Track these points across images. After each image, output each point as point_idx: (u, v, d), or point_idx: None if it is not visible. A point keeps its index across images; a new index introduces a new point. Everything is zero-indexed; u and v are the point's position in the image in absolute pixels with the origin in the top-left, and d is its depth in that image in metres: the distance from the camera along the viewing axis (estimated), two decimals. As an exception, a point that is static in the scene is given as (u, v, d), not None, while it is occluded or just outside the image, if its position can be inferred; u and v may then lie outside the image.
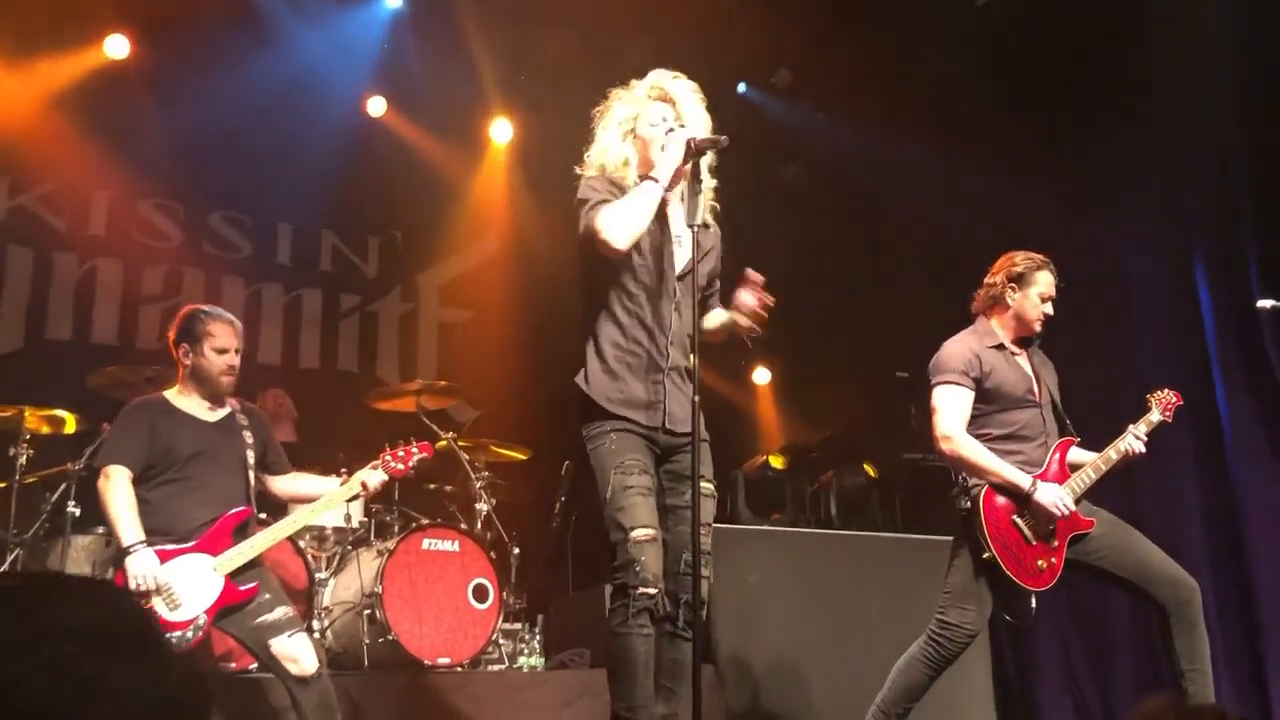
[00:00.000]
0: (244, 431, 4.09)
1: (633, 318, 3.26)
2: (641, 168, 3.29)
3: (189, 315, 4.07)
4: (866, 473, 6.62)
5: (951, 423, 3.88)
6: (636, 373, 3.24)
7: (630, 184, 3.27)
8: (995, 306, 4.07)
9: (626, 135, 3.33)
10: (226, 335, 4.02)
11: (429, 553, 5.12)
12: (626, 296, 3.27)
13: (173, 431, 3.94)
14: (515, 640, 5.51)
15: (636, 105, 3.35)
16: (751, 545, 5.21)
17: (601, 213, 3.11)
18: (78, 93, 6.75)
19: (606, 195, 3.21)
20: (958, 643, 3.82)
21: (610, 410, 3.19)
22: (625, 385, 3.22)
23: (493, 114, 7.91)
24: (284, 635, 3.78)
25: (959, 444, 3.85)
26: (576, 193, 3.28)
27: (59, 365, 6.51)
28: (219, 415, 4.08)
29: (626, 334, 3.26)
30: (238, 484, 4.02)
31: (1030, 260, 4.01)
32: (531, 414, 7.00)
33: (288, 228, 7.83)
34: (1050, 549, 3.81)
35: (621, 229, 3.10)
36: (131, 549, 3.70)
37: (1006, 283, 4.02)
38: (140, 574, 3.67)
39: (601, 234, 3.09)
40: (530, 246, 8.01)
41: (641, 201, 3.13)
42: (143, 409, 4.00)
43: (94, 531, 4.95)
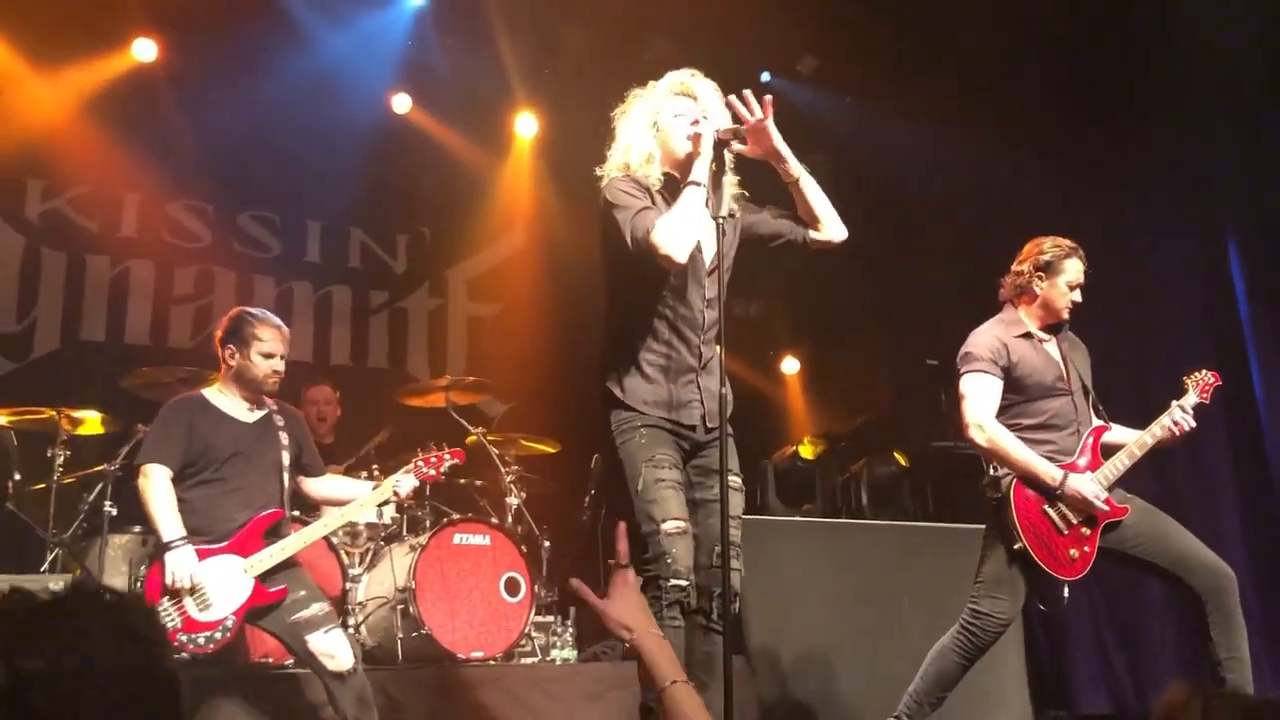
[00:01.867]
0: (280, 433, 4.12)
1: (662, 319, 3.25)
2: (665, 163, 3.28)
3: (238, 317, 4.10)
4: (897, 461, 6.60)
5: (981, 410, 3.85)
6: (670, 374, 3.23)
7: (654, 180, 3.26)
8: (1023, 295, 4.03)
9: (649, 129, 3.31)
10: (274, 340, 4.06)
11: (461, 547, 5.15)
12: (656, 298, 3.25)
13: (211, 431, 3.97)
14: (548, 633, 5.53)
15: (657, 100, 3.33)
16: (782, 537, 5.20)
17: (657, 226, 3.06)
18: (107, 97, 6.82)
19: (643, 201, 3.18)
20: (991, 632, 3.80)
21: (643, 411, 3.19)
22: (659, 388, 3.22)
23: (517, 108, 7.92)
24: (320, 631, 3.82)
25: (990, 432, 3.82)
26: (602, 193, 3.25)
27: (94, 366, 6.59)
28: (257, 416, 4.11)
29: (658, 336, 3.25)
30: (273, 486, 4.05)
31: (1058, 248, 3.96)
32: (561, 407, 7.02)
33: (316, 226, 7.88)
34: (1082, 538, 3.78)
35: (680, 243, 3.07)
36: (172, 545, 3.75)
37: (1034, 271, 3.97)
38: (178, 569, 3.72)
39: (662, 249, 3.04)
40: (557, 239, 8.03)
41: (691, 210, 3.09)
42: (182, 408, 4.04)
43: (131, 530, 5.02)
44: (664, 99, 3.32)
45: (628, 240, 3.12)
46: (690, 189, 3.12)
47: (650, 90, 3.36)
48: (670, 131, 3.28)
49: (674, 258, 3.07)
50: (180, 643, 3.71)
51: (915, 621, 4.97)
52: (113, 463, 4.98)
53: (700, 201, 3.11)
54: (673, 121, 3.28)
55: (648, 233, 3.07)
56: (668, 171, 3.28)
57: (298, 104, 6.89)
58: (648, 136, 3.30)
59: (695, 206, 3.10)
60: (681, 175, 3.20)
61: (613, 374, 3.26)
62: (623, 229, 3.13)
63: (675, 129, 3.26)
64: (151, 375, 5.37)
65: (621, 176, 3.27)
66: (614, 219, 3.16)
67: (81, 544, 5.03)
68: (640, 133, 3.31)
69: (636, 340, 3.25)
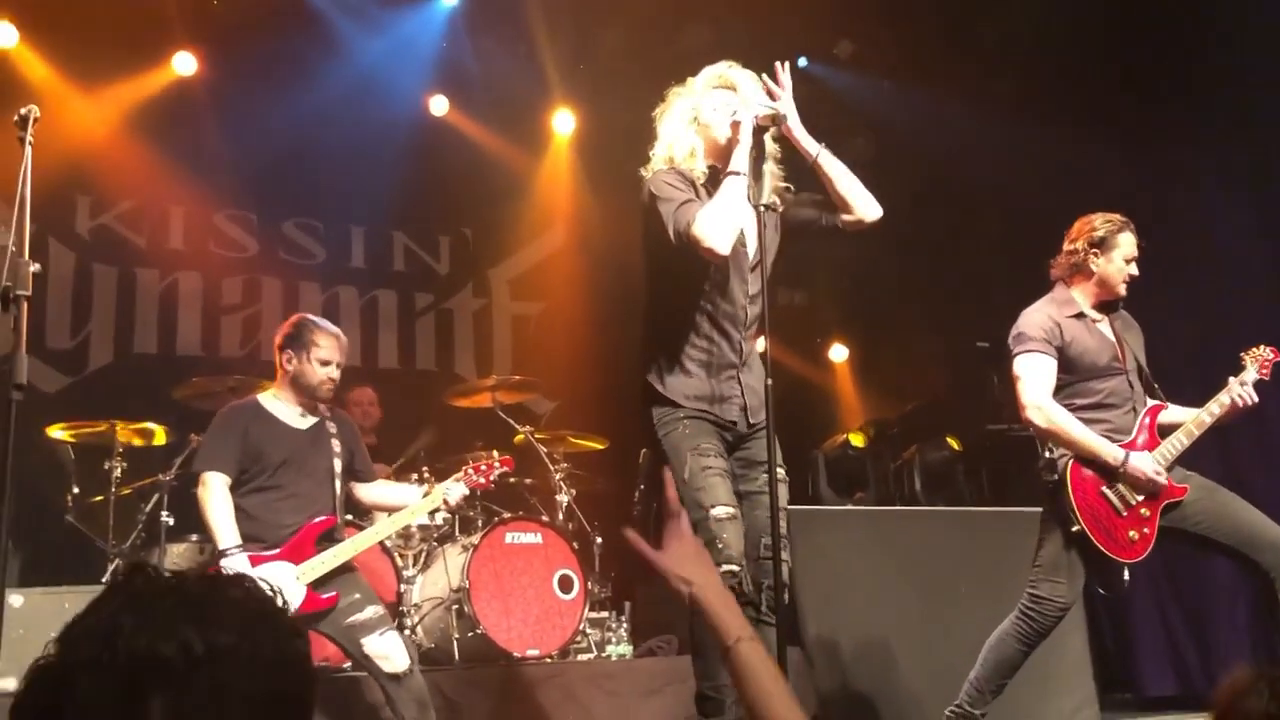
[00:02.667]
0: (333, 440, 4.16)
1: (704, 314, 3.24)
2: (709, 156, 3.27)
3: (298, 323, 4.17)
4: (950, 446, 6.52)
5: (1038, 391, 3.78)
6: (711, 370, 3.22)
7: (699, 174, 3.24)
8: (1077, 274, 3.93)
9: (690, 124, 3.29)
10: (331, 348, 4.10)
11: (513, 546, 5.17)
12: (698, 293, 3.23)
13: (264, 437, 4.02)
14: (603, 629, 5.54)
15: (697, 95, 3.31)
16: (835, 526, 5.16)
17: (699, 218, 3.05)
18: (149, 111, 6.91)
19: (687, 193, 3.17)
20: (1050, 617, 3.73)
21: (684, 404, 3.18)
22: (701, 383, 3.21)
23: (554, 105, 7.92)
24: (375, 634, 3.85)
25: (1049, 412, 3.74)
26: (645, 186, 3.24)
27: (148, 378, 6.68)
28: (310, 422, 4.15)
29: (699, 331, 3.24)
30: (325, 492, 4.09)
31: (1110, 223, 3.87)
32: (607, 402, 6.99)
33: (360, 231, 7.94)
34: (1141, 519, 3.70)
35: (723, 233, 3.06)
36: (227, 552, 3.81)
37: (1088, 249, 3.88)
38: None
39: (705, 241, 3.03)
40: (597, 235, 8.02)
41: (733, 200, 3.08)
42: (236, 415, 4.09)
43: (188, 539, 5.09)
44: (703, 93, 3.31)
45: (670, 233, 3.11)
46: (730, 179, 3.10)
47: (689, 86, 3.35)
48: (711, 124, 3.26)
49: (716, 249, 3.05)
50: None
51: (973, 607, 4.89)
52: (168, 473, 5.05)
53: (741, 190, 3.10)
54: (713, 115, 3.26)
55: (689, 224, 3.06)
56: (712, 165, 3.26)
57: (336, 110, 6.94)
58: (689, 131, 3.28)
59: (736, 196, 3.09)
60: (724, 166, 3.18)
61: (654, 368, 3.25)
62: (665, 221, 3.13)
63: (716, 121, 3.24)
64: (203, 385, 5.44)
65: (666, 169, 3.25)
66: (657, 211, 3.16)
67: (140, 554, 5.10)
68: (682, 128, 3.29)
69: (678, 335, 3.24)
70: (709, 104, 3.28)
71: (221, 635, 1.02)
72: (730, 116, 3.18)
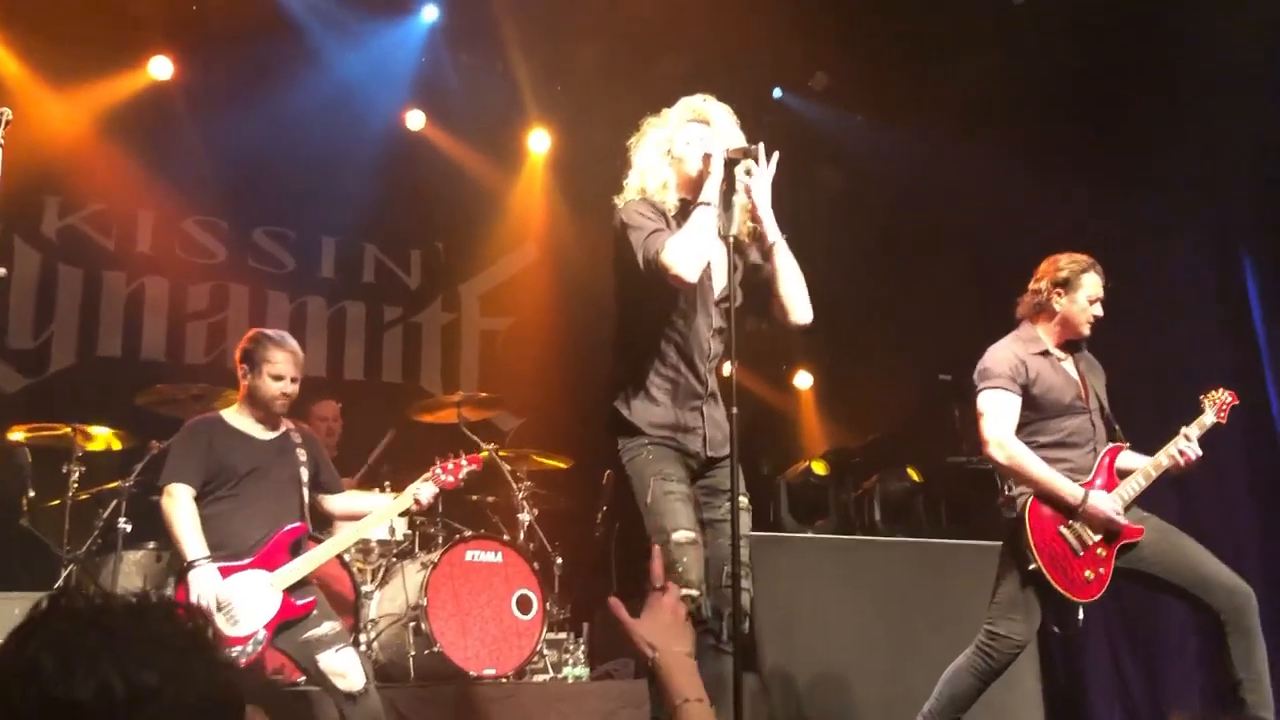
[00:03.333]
0: (298, 450, 4.17)
1: (670, 344, 3.26)
2: (680, 189, 3.30)
3: (254, 338, 4.16)
4: (910, 477, 6.54)
5: (1000, 428, 3.82)
6: (676, 399, 3.24)
7: (670, 206, 3.28)
8: (1041, 313, 4.00)
9: (664, 156, 3.33)
10: (284, 363, 4.09)
11: (473, 564, 5.15)
12: (666, 322, 3.26)
13: (229, 449, 4.02)
14: (560, 650, 5.52)
15: (670, 127, 3.35)
16: (795, 553, 5.19)
17: (668, 247, 3.08)
18: (123, 114, 6.88)
19: (657, 223, 3.20)
20: (1006, 654, 3.77)
21: (649, 432, 3.20)
22: (667, 411, 3.23)
23: (530, 125, 7.96)
24: (331, 650, 3.83)
25: (1010, 449, 3.79)
26: (617, 214, 3.27)
27: (110, 382, 6.62)
28: (273, 435, 4.16)
29: (665, 360, 3.26)
30: (291, 501, 4.09)
31: (1075, 263, 3.94)
32: (573, 422, 7.01)
33: (330, 241, 7.92)
34: (1098, 559, 3.75)
35: (691, 263, 3.08)
36: (195, 564, 3.79)
37: (1052, 288, 3.95)
38: (201, 589, 3.75)
39: (673, 269, 3.06)
40: (569, 254, 8.05)
41: (701, 231, 3.11)
42: (201, 427, 4.09)
43: (145, 547, 5.04)
44: (678, 126, 3.35)
45: (639, 261, 3.14)
46: (700, 209, 3.14)
47: (664, 117, 3.39)
48: (684, 158, 3.29)
49: (684, 277, 3.08)
50: None
51: (929, 638, 4.94)
52: (127, 479, 4.99)
53: (710, 221, 3.13)
54: (685, 148, 3.30)
55: (658, 253, 3.09)
56: (683, 198, 3.29)
57: (312, 121, 6.94)
58: (662, 163, 3.32)
59: (705, 226, 3.12)
60: (695, 199, 3.21)
61: (620, 395, 3.27)
62: (635, 249, 3.16)
63: (689, 155, 3.28)
64: (167, 392, 5.39)
65: (638, 200, 3.29)
66: (627, 240, 3.19)
67: (96, 560, 5.04)
68: (655, 160, 3.33)
69: (645, 363, 3.26)
70: (682, 137, 3.32)
71: (145, 674, 1.01)
72: (702, 150, 3.23)
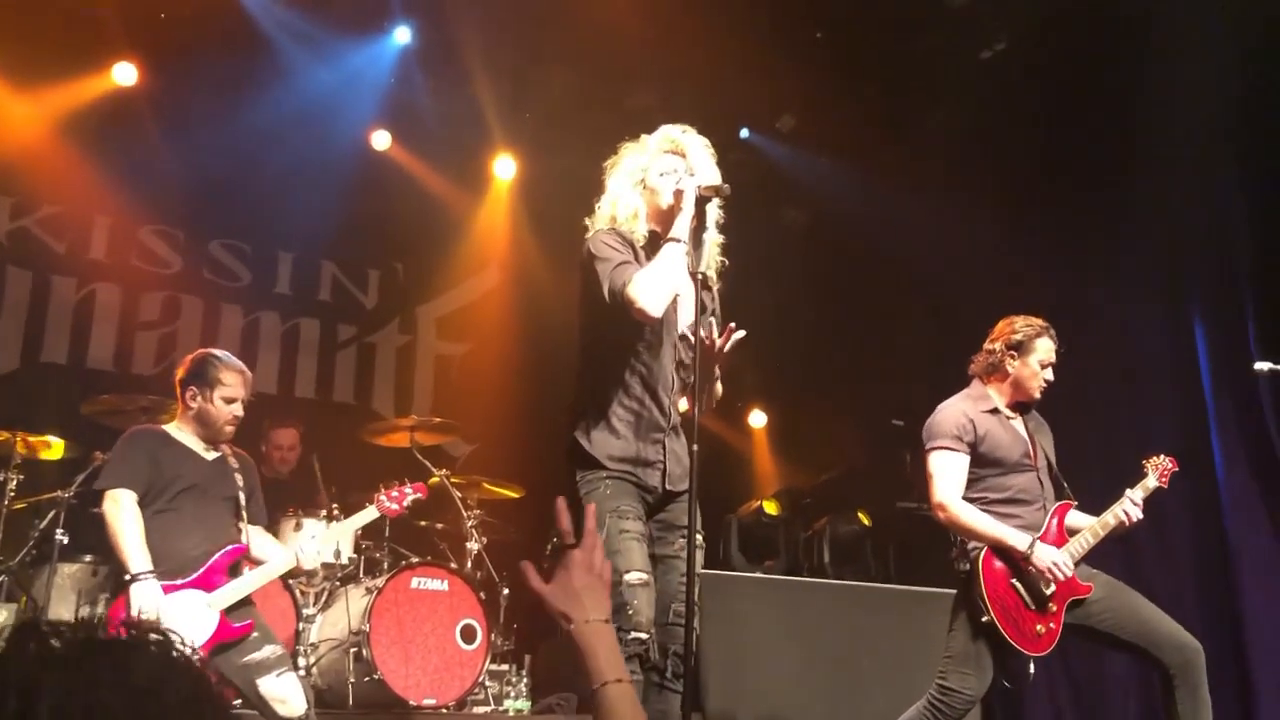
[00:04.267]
0: (235, 474, 4.09)
1: (635, 375, 3.23)
2: (650, 219, 3.30)
3: (202, 359, 4.06)
4: (860, 520, 6.59)
5: (947, 490, 3.86)
6: (639, 431, 3.21)
7: (639, 236, 3.27)
8: (994, 373, 4.04)
9: (637, 185, 3.32)
10: (237, 385, 4.02)
11: (418, 591, 5.08)
12: (631, 354, 3.23)
13: (171, 462, 3.93)
14: (502, 682, 5.46)
15: (647, 156, 3.34)
16: (744, 593, 5.17)
17: (635, 281, 3.06)
18: (84, 118, 6.79)
19: (625, 255, 3.18)
20: (957, 709, 3.76)
21: (610, 466, 3.16)
22: (628, 444, 3.19)
23: (497, 150, 7.95)
24: (272, 675, 3.74)
25: (955, 511, 3.83)
26: (586, 244, 3.25)
27: (54, 388, 6.50)
28: (213, 455, 4.08)
29: (629, 392, 3.23)
30: (229, 521, 4.01)
31: (1030, 327, 3.99)
32: (525, 451, 6.98)
33: (288, 257, 7.84)
34: (1049, 614, 3.77)
35: (657, 297, 3.06)
36: (138, 577, 3.68)
37: (1006, 351, 3.99)
38: (144, 603, 3.65)
39: (638, 303, 3.04)
40: (530, 281, 8.04)
41: (670, 266, 3.10)
42: (143, 436, 4.01)
43: (81, 560, 4.92)
44: (654, 155, 3.34)
45: (605, 292, 3.12)
46: (669, 245, 3.12)
47: (641, 144, 3.38)
48: (657, 190, 3.28)
49: (649, 311, 3.06)
50: None
51: (874, 683, 4.94)
52: (67, 490, 4.88)
53: (679, 257, 3.11)
54: (659, 180, 3.29)
55: (625, 285, 3.08)
56: (653, 229, 3.28)
57: (277, 134, 6.88)
58: (634, 193, 3.31)
59: (673, 262, 3.11)
60: (665, 232, 3.20)
61: (581, 425, 3.23)
62: (601, 280, 3.14)
63: (662, 187, 3.27)
64: (113, 402, 5.28)
65: (607, 230, 3.27)
66: (594, 270, 3.17)
67: (29, 571, 4.92)
68: (627, 189, 3.32)
69: (608, 394, 3.23)
70: (657, 168, 3.31)
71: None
72: (674, 184, 3.22)
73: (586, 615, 1.61)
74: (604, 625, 1.63)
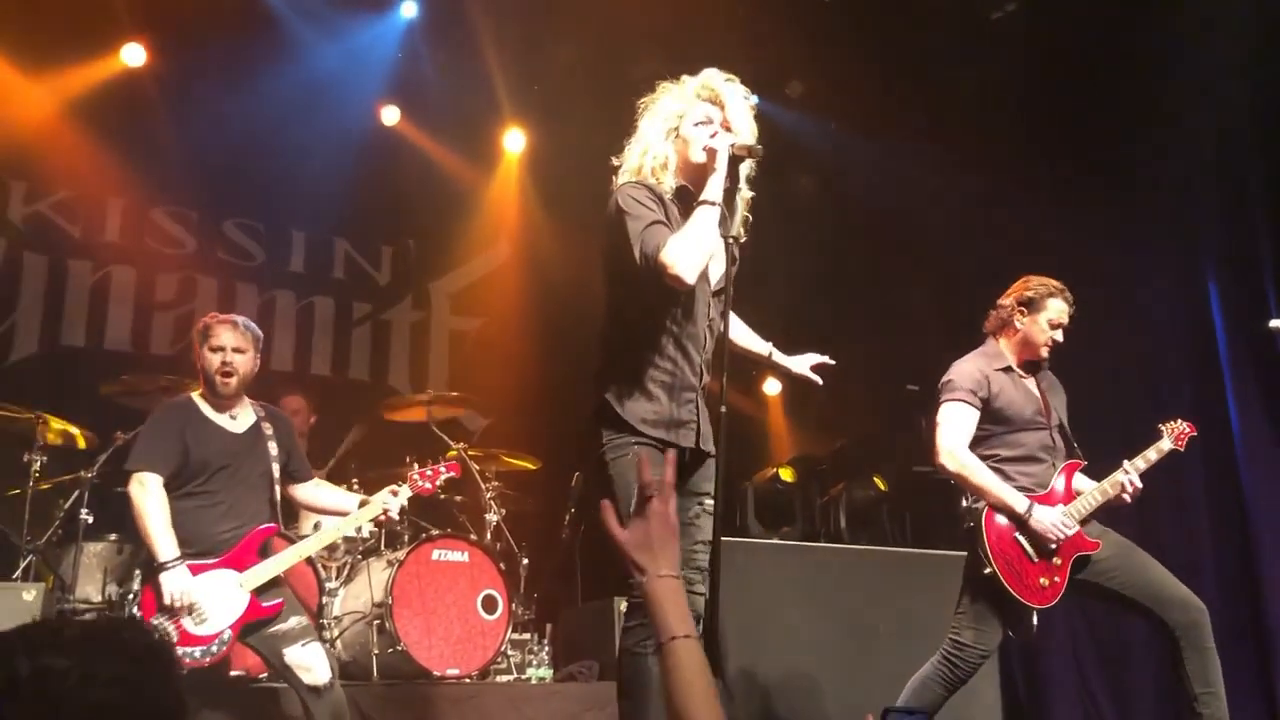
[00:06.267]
0: (270, 442, 4.12)
1: (668, 335, 3.13)
2: (680, 172, 3.19)
3: (204, 321, 4.13)
4: (876, 486, 6.60)
5: (954, 438, 3.90)
6: (672, 392, 3.11)
7: (667, 189, 3.16)
8: (1005, 329, 4.08)
9: (670, 134, 3.20)
10: (223, 333, 4.03)
11: (439, 563, 5.13)
12: (663, 313, 3.12)
13: (200, 442, 3.96)
14: (524, 651, 5.52)
15: (684, 103, 3.21)
16: (761, 559, 5.21)
17: (670, 248, 2.95)
18: (94, 100, 6.79)
19: (657, 213, 3.06)
20: (972, 663, 3.83)
21: (642, 431, 3.06)
22: (660, 406, 3.09)
23: (506, 124, 7.94)
24: (298, 645, 3.81)
25: (960, 459, 3.87)
26: (613, 197, 3.12)
27: (73, 371, 6.55)
28: (245, 425, 4.10)
29: (662, 353, 3.12)
30: (261, 499, 4.06)
31: (1044, 286, 4.00)
32: (541, 423, 7.02)
33: (301, 235, 7.86)
34: (1053, 567, 3.81)
35: (692, 265, 2.95)
36: (167, 565, 3.73)
37: (1016, 306, 4.02)
38: (175, 591, 3.71)
39: (672, 269, 2.93)
40: (542, 254, 8.05)
41: (706, 230, 2.99)
42: (173, 412, 4.03)
43: (106, 539, 4.99)
44: (690, 103, 3.21)
45: (636, 254, 3.01)
46: (703, 209, 3.01)
47: (681, 87, 3.24)
48: (689, 141, 3.17)
49: (683, 278, 2.95)
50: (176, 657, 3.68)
51: (891, 646, 4.98)
52: (90, 470, 4.94)
53: (714, 221, 3.01)
54: (693, 130, 3.17)
55: (658, 249, 2.96)
56: (681, 184, 3.19)
57: (286, 113, 6.89)
58: (666, 143, 3.19)
59: (708, 227, 3.00)
60: (695, 187, 3.11)
61: (612, 387, 3.11)
62: (632, 240, 3.02)
63: (694, 139, 3.15)
64: (132, 383, 5.33)
65: (635, 183, 3.15)
66: (623, 227, 3.05)
67: (56, 551, 4.99)
68: (659, 138, 3.20)
69: (641, 354, 3.12)
70: (690, 119, 3.18)
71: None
72: (708, 137, 3.11)
73: (660, 569, 1.64)
74: (675, 580, 1.65)
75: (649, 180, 3.16)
